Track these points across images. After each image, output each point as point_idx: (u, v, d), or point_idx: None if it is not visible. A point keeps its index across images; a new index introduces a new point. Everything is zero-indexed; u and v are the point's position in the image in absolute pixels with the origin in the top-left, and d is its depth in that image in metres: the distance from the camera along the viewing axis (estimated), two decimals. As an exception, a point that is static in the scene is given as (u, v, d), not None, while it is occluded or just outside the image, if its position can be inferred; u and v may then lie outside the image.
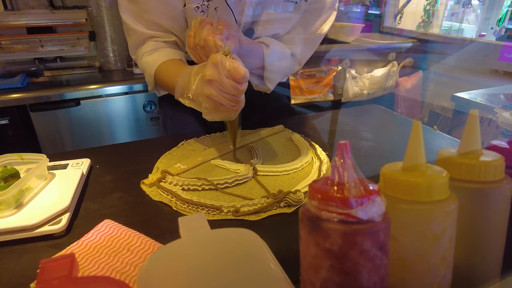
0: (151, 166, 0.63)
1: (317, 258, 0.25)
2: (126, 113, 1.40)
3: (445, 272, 0.28)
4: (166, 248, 0.31)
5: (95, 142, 1.39)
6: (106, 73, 1.54)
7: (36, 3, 1.53)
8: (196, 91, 0.55)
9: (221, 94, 0.52)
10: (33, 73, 1.42)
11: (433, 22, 2.32)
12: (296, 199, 0.51)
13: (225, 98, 0.52)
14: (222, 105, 0.53)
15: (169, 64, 0.68)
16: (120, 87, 1.36)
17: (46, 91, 1.28)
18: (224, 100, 0.52)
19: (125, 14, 0.68)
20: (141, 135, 1.47)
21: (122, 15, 0.68)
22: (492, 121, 1.13)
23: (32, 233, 0.44)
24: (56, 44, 1.46)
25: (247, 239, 0.32)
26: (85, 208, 0.52)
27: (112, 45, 1.54)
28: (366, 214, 0.23)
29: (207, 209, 0.50)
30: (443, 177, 0.27)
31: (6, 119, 1.23)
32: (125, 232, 0.43)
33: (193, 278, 0.28)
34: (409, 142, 0.28)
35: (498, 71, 1.67)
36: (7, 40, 1.41)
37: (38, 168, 0.52)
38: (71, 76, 1.48)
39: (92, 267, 0.38)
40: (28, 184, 0.50)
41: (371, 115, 0.96)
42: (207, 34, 0.54)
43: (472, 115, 0.31)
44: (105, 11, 1.49)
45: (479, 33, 2.29)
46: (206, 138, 0.74)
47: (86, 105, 1.33)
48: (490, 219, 0.30)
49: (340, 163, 0.24)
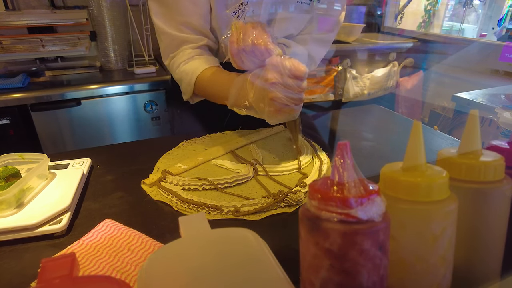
0: (151, 166, 0.63)
1: (317, 257, 0.25)
2: (126, 113, 1.40)
3: (444, 272, 0.28)
4: (166, 247, 0.31)
5: (96, 142, 1.39)
6: (107, 73, 1.54)
7: (37, 3, 1.54)
8: (256, 96, 0.55)
9: (285, 95, 0.52)
10: (34, 73, 1.43)
11: (434, 22, 2.32)
12: (296, 199, 0.51)
13: (289, 97, 0.53)
14: (286, 105, 0.53)
15: (211, 72, 0.68)
16: (121, 87, 1.36)
17: (47, 91, 1.28)
18: (288, 100, 0.53)
19: (156, 17, 0.68)
20: (141, 135, 1.47)
21: (153, 18, 0.69)
22: (493, 121, 1.13)
23: (33, 232, 0.44)
24: (57, 44, 1.46)
25: (248, 239, 0.32)
26: (86, 208, 0.52)
27: (113, 45, 1.55)
28: (365, 214, 0.23)
29: (208, 209, 0.50)
30: (443, 177, 0.27)
31: (7, 119, 1.23)
32: (126, 232, 0.43)
33: (193, 277, 0.28)
34: (409, 142, 0.28)
35: (499, 71, 1.67)
36: (8, 40, 1.41)
37: (39, 168, 0.52)
38: (72, 76, 1.48)
39: (93, 267, 0.38)
40: (29, 184, 0.50)
41: (372, 115, 0.96)
42: (256, 39, 0.54)
43: (472, 115, 0.31)
44: (106, 11, 1.49)
45: (480, 33, 2.29)
46: (207, 138, 0.74)
47: (87, 105, 1.33)
48: (490, 219, 0.31)
49: (340, 163, 0.24)
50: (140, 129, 1.45)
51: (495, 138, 0.37)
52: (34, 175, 0.51)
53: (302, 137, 0.73)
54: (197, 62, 0.69)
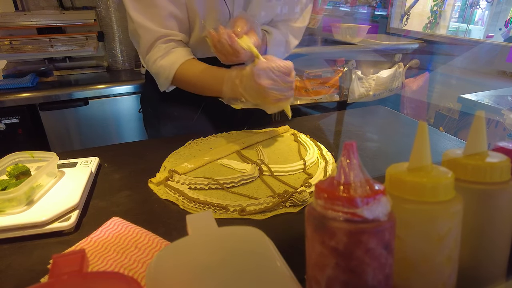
0: (158, 165, 0.63)
1: (323, 256, 0.25)
2: (133, 112, 1.41)
3: (450, 273, 0.28)
4: (174, 245, 0.32)
5: (103, 141, 1.41)
6: (114, 73, 1.56)
7: (46, 4, 1.56)
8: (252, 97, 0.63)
9: (280, 92, 0.61)
10: (42, 72, 1.45)
11: (440, 23, 2.30)
12: (301, 199, 0.51)
13: (283, 92, 0.61)
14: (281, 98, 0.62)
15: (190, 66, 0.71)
16: (128, 87, 1.38)
17: (55, 90, 1.30)
18: (283, 94, 0.62)
19: (134, 12, 0.68)
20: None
21: (131, 13, 0.68)
22: (499, 123, 1.12)
23: (42, 229, 0.45)
24: (65, 44, 1.48)
25: (254, 237, 0.32)
26: (94, 206, 0.52)
27: (120, 45, 1.56)
28: (371, 214, 0.24)
29: (214, 207, 0.51)
30: (449, 177, 0.27)
31: (17, 118, 1.24)
32: (133, 230, 0.44)
33: (200, 275, 0.28)
34: (415, 143, 0.28)
35: (506, 73, 1.66)
36: (17, 40, 1.43)
37: (48, 166, 0.53)
38: (79, 75, 1.50)
39: (101, 264, 0.39)
40: (38, 182, 0.51)
41: (377, 116, 0.96)
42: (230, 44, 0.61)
43: (478, 117, 0.31)
44: (113, 11, 1.51)
45: (487, 34, 2.27)
46: (213, 138, 0.75)
47: (94, 104, 1.35)
48: (496, 220, 0.31)
49: (347, 163, 0.25)
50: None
51: (502, 139, 0.37)
52: (44, 173, 0.52)
53: (307, 137, 0.73)
54: (174, 56, 0.70)
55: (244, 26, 0.63)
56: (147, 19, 0.68)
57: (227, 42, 0.61)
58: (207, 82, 0.69)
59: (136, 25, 0.69)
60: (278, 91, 0.61)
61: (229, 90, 0.65)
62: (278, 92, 0.60)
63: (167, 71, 0.70)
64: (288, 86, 0.62)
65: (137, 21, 0.68)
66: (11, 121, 1.24)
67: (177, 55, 0.71)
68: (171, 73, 0.70)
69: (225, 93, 0.66)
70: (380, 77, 1.91)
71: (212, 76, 0.69)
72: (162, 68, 0.71)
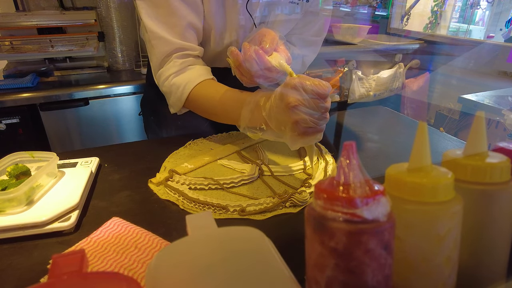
0: (158, 165, 0.63)
1: (323, 256, 0.25)
2: (134, 112, 1.42)
3: (450, 273, 0.28)
4: (174, 245, 0.32)
5: (103, 141, 1.41)
6: (114, 73, 1.56)
7: (47, 4, 1.56)
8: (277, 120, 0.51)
9: (310, 117, 0.48)
10: (43, 73, 1.45)
11: (440, 24, 2.30)
12: (301, 199, 0.51)
13: (314, 119, 0.48)
14: (310, 127, 0.49)
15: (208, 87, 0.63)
16: (128, 87, 1.38)
17: (56, 90, 1.30)
18: (314, 122, 0.48)
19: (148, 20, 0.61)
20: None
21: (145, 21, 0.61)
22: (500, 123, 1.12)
23: (42, 229, 0.45)
24: (66, 44, 1.48)
25: (254, 238, 0.32)
26: (94, 206, 0.52)
27: (120, 45, 1.56)
28: (371, 214, 0.24)
29: (214, 208, 0.51)
30: (448, 178, 0.27)
31: (17, 118, 1.25)
32: (133, 230, 0.44)
33: (200, 275, 0.28)
34: (415, 143, 0.28)
35: (506, 73, 1.66)
36: (18, 40, 1.44)
37: (48, 166, 0.53)
38: (80, 76, 1.50)
39: (100, 264, 0.39)
40: (38, 182, 0.51)
41: (377, 116, 0.96)
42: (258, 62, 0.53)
43: (478, 117, 0.31)
44: (114, 12, 1.51)
45: (487, 34, 2.27)
46: (213, 138, 0.75)
47: (95, 104, 1.35)
48: (496, 220, 0.31)
49: (346, 163, 0.25)
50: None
51: (502, 140, 0.37)
52: (44, 173, 0.52)
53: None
54: (190, 74, 0.63)
55: (272, 42, 0.55)
56: (163, 29, 0.61)
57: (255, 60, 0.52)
58: (227, 104, 0.59)
59: (151, 35, 0.62)
60: (308, 115, 0.47)
61: (248, 113, 0.55)
62: (308, 116, 0.47)
63: (180, 90, 0.63)
64: (322, 110, 0.49)
65: (151, 30, 0.61)
66: (11, 121, 1.24)
67: (194, 73, 0.63)
68: (184, 93, 0.63)
69: (243, 117, 0.55)
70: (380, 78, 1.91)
71: (234, 99, 0.59)
72: (175, 86, 0.63)
